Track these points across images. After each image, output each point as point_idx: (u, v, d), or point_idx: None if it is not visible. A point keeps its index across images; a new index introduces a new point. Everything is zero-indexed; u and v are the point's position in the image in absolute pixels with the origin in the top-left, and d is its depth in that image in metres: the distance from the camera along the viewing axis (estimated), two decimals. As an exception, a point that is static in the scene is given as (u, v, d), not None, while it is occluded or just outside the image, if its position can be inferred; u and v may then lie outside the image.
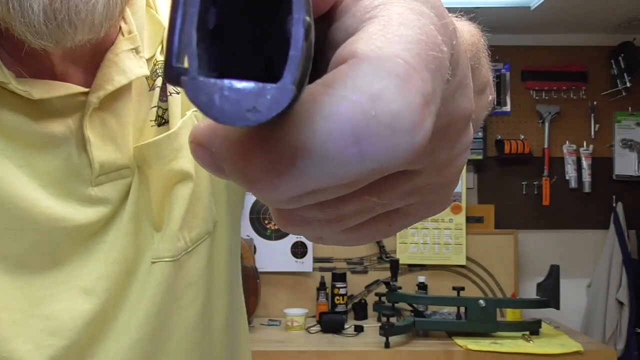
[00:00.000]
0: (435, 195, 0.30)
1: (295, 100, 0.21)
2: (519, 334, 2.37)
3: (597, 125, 3.08)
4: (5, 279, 0.58)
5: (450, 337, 2.38)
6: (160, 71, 0.65)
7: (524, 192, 3.09)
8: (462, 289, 2.45)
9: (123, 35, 0.62)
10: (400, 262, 2.73)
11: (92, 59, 0.60)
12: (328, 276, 2.78)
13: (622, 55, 3.03)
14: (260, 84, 0.21)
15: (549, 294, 2.44)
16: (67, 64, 0.59)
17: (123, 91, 0.61)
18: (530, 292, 2.83)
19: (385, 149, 0.22)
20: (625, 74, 3.02)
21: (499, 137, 3.08)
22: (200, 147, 0.24)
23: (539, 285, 2.54)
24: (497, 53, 3.10)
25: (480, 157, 2.99)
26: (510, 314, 2.48)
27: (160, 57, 0.66)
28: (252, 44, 0.24)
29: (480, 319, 2.33)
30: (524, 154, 3.01)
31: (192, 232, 0.67)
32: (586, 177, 3.04)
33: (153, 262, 0.65)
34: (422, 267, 2.91)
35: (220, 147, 0.24)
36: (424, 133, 0.22)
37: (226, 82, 0.21)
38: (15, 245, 0.59)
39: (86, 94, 0.59)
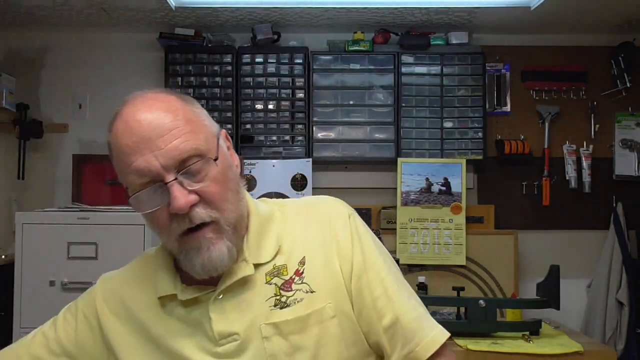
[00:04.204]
0: None
1: None
2: (519, 334, 2.37)
3: (597, 126, 3.08)
4: None
5: (450, 337, 2.37)
6: (276, 272, 1.02)
7: (524, 192, 3.08)
8: (462, 289, 2.45)
9: None
10: (400, 262, 2.73)
11: None
12: (328, 276, 2.78)
13: (622, 55, 3.03)
14: None
15: (549, 294, 2.44)
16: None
17: (234, 286, 1.01)
18: (530, 292, 2.82)
19: None
20: (625, 74, 3.02)
21: (499, 137, 3.07)
22: None
23: (539, 285, 2.54)
24: (497, 53, 3.09)
25: (480, 157, 2.99)
26: (510, 314, 2.48)
27: (280, 262, 1.03)
28: None
29: (480, 319, 2.33)
30: (524, 154, 3.01)
31: None
32: (586, 177, 3.04)
33: None
34: (422, 267, 2.91)
35: None
36: None
37: None
38: None
39: (214, 290, 1.01)
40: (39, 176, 3.10)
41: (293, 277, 1.02)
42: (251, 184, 2.94)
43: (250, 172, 2.95)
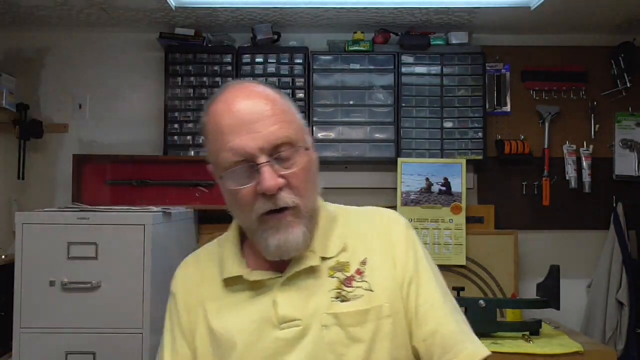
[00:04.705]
0: None
1: None
2: (519, 334, 2.37)
3: (597, 126, 3.08)
4: None
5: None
6: (339, 268, 1.08)
7: (524, 192, 3.08)
8: (462, 289, 2.45)
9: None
10: (400, 262, 2.73)
11: None
12: (328, 276, 2.78)
13: (622, 55, 3.03)
14: None
15: (549, 294, 2.44)
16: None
17: (300, 274, 1.07)
18: (530, 292, 2.82)
19: None
20: (625, 74, 3.02)
21: (499, 137, 3.07)
22: None
23: (539, 285, 2.54)
24: (497, 53, 3.09)
25: (480, 157, 2.98)
26: (511, 314, 2.48)
27: (344, 259, 1.09)
28: None
29: (480, 319, 2.33)
30: (524, 154, 3.01)
31: None
32: (586, 177, 3.04)
33: None
34: (422, 267, 2.90)
35: None
36: None
37: None
38: None
39: (280, 276, 1.07)
40: (39, 176, 3.10)
41: (354, 275, 1.08)
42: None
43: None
